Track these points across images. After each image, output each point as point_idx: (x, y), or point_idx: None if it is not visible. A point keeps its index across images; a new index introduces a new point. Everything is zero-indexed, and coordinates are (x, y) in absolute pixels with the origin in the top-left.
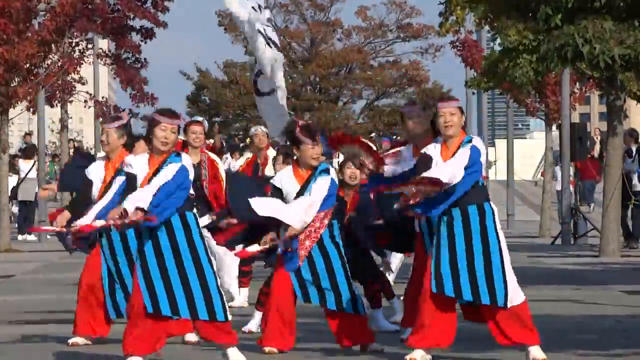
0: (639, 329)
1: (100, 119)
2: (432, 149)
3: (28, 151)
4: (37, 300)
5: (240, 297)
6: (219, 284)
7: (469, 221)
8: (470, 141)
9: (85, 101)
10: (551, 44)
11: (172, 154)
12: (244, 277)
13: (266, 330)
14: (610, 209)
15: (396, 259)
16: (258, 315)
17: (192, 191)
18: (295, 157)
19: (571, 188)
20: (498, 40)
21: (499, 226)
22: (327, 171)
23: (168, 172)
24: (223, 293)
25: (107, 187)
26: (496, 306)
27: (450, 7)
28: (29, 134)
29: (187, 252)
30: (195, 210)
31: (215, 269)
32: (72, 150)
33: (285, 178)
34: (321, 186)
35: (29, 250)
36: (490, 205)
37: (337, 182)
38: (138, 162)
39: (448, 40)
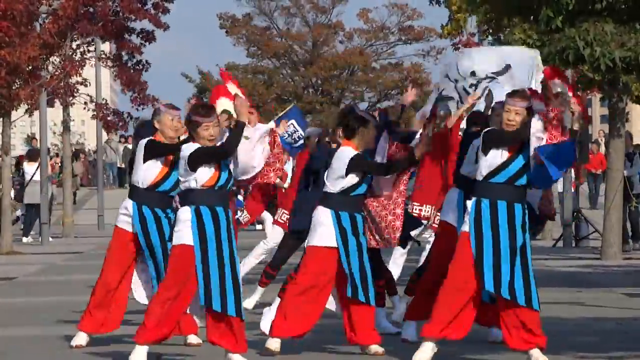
0: None
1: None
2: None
3: (33, 154)
4: (39, 303)
5: (255, 295)
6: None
7: (514, 220)
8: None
9: (85, 103)
10: (552, 46)
11: None
12: (267, 278)
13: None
14: (612, 212)
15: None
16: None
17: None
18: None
19: (572, 190)
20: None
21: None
22: None
23: None
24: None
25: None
26: (531, 308)
27: (451, 10)
28: (34, 137)
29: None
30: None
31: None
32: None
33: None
34: None
35: (31, 252)
36: (524, 205)
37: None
38: None
39: (449, 42)
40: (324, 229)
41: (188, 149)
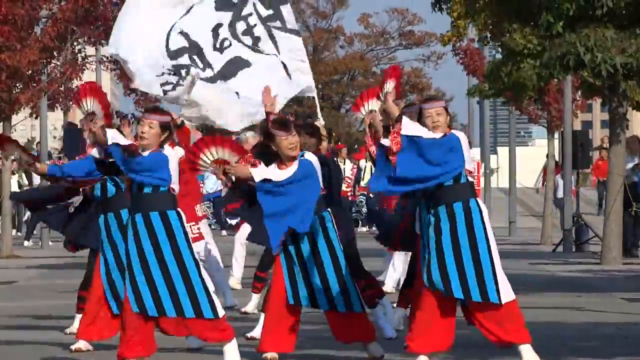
0: None
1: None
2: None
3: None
4: (39, 306)
5: (252, 303)
6: (205, 281)
7: (455, 219)
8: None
9: None
10: (553, 52)
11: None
12: (259, 282)
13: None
14: (611, 217)
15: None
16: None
17: (176, 187)
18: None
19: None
20: (501, 51)
21: (487, 223)
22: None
23: None
24: (210, 290)
25: None
26: (488, 302)
27: (451, 17)
28: (38, 142)
29: (169, 250)
30: (178, 209)
31: (201, 267)
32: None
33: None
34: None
35: (31, 256)
36: (476, 201)
37: (315, 166)
38: None
39: (450, 47)
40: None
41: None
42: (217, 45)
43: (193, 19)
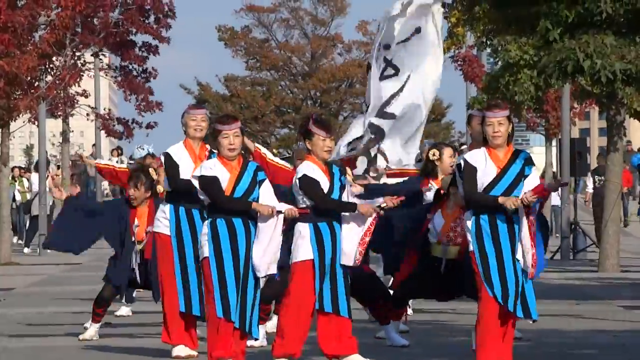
0: (638, 344)
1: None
2: (478, 158)
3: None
4: (37, 314)
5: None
6: None
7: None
8: (529, 161)
9: (87, 114)
10: (551, 57)
11: (250, 162)
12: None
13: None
14: (609, 224)
15: None
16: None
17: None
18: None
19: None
20: (499, 62)
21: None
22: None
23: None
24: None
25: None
26: (529, 318)
27: (450, 28)
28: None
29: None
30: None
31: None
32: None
33: (313, 171)
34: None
35: (29, 263)
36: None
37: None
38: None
39: (449, 55)
40: (304, 243)
41: (204, 167)
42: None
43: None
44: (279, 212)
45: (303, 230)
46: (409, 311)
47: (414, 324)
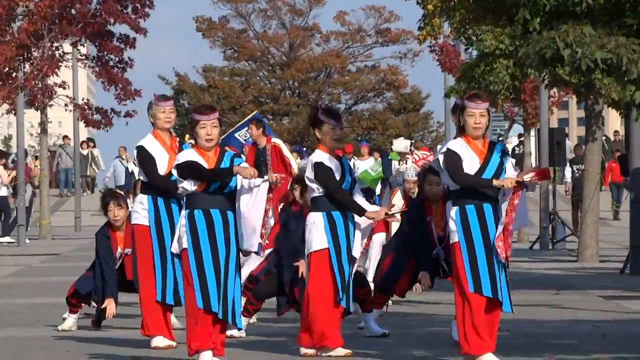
0: (617, 334)
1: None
2: (460, 147)
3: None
4: (16, 305)
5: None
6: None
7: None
8: (504, 153)
9: (66, 105)
10: (530, 47)
11: (227, 152)
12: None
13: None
14: (588, 214)
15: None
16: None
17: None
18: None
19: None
20: (474, 51)
21: None
22: None
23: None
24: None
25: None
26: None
27: (427, 15)
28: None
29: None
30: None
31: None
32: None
33: (327, 159)
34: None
35: (8, 254)
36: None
37: None
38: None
39: (426, 45)
40: (318, 231)
41: (181, 157)
42: None
43: None
44: (264, 180)
45: (317, 219)
46: (389, 302)
47: (393, 315)
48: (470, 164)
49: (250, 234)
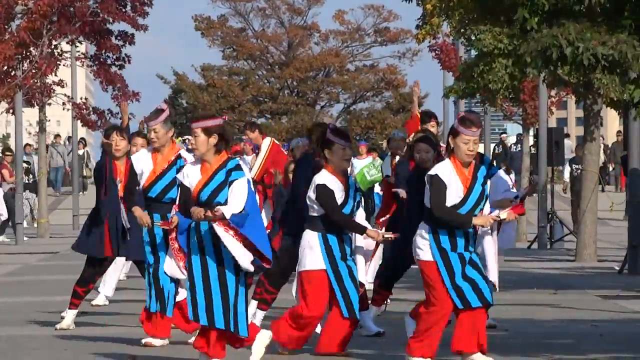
0: (615, 334)
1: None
2: (448, 175)
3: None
4: (14, 303)
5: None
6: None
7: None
8: (491, 165)
9: (64, 103)
10: (531, 46)
11: (230, 161)
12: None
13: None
14: (587, 214)
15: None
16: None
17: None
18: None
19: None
20: (473, 52)
21: None
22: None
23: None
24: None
25: (157, 178)
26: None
27: (426, 15)
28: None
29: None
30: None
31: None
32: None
33: (331, 181)
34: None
35: (5, 252)
36: None
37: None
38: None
39: (425, 44)
40: (312, 253)
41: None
42: None
43: None
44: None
45: (312, 240)
46: (388, 300)
47: (390, 314)
48: (456, 192)
49: (239, 257)
